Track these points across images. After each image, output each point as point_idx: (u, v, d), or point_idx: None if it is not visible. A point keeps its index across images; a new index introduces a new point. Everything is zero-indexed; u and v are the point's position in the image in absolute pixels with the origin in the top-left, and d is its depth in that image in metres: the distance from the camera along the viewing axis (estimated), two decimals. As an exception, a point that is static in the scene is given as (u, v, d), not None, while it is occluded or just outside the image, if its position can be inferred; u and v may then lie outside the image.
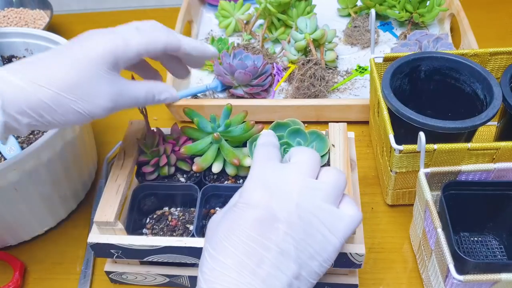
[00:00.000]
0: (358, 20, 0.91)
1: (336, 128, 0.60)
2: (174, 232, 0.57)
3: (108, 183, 0.56)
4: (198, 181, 0.58)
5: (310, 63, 0.78)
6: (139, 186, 0.58)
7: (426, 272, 0.55)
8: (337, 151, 0.57)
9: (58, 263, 0.63)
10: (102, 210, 0.53)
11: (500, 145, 0.55)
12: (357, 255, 0.51)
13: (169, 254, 0.53)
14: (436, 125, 0.55)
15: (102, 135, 0.78)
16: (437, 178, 0.55)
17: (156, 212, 0.60)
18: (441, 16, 0.91)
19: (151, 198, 0.59)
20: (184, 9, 0.91)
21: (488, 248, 0.58)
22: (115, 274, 0.58)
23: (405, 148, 0.55)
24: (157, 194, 0.59)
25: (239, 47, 0.85)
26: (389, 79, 0.61)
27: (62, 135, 0.58)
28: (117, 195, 0.54)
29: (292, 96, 0.79)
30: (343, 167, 0.55)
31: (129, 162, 0.58)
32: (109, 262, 0.58)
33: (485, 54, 0.65)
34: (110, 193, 0.54)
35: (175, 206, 0.61)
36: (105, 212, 0.52)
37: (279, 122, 0.57)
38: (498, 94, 0.58)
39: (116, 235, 0.53)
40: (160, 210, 0.60)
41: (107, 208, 0.53)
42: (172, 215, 0.59)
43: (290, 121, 0.58)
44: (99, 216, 0.52)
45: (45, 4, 0.98)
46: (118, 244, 0.53)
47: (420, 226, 0.56)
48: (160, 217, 0.59)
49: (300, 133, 0.57)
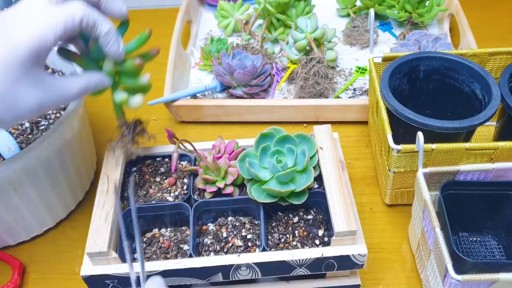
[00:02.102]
0: (357, 20, 0.91)
1: (322, 130, 0.59)
2: (167, 254, 0.55)
3: (95, 210, 0.53)
4: (187, 198, 0.57)
5: (313, 61, 0.78)
6: (125, 211, 0.55)
7: (425, 272, 0.55)
8: (325, 153, 0.57)
9: (57, 263, 0.63)
10: (93, 240, 0.50)
11: (498, 145, 0.55)
12: (360, 256, 0.51)
13: (168, 277, 0.51)
14: (435, 124, 0.55)
15: (101, 134, 0.78)
16: (435, 178, 0.55)
17: (146, 235, 0.57)
18: (440, 16, 0.91)
19: (139, 221, 0.55)
20: (184, 9, 0.91)
21: (487, 248, 0.58)
22: None
23: (403, 147, 0.55)
24: (145, 216, 0.57)
25: (238, 47, 0.85)
26: (387, 79, 0.61)
27: (61, 135, 0.58)
28: (106, 223, 0.52)
29: (297, 95, 0.79)
30: (334, 168, 0.55)
31: (113, 187, 0.55)
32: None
33: (484, 54, 0.65)
34: (99, 222, 0.52)
35: (164, 226, 0.58)
36: (96, 242, 0.50)
37: (263, 133, 0.57)
38: (496, 94, 0.58)
39: (111, 264, 0.51)
40: (149, 233, 0.58)
41: (98, 237, 0.50)
42: (163, 237, 0.57)
43: (273, 130, 0.57)
44: (91, 247, 0.50)
45: (45, 4, 0.98)
46: (113, 274, 0.50)
47: (419, 226, 0.56)
48: (151, 240, 0.57)
49: (288, 140, 0.56)
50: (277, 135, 0.56)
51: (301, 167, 0.55)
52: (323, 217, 0.56)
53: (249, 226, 0.56)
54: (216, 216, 0.57)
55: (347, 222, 0.50)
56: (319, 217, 0.56)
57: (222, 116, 0.78)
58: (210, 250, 0.54)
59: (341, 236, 0.50)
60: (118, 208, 0.52)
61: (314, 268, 0.51)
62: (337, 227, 0.50)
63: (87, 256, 0.50)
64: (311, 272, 0.52)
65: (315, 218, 0.56)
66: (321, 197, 0.55)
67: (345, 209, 0.51)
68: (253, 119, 0.78)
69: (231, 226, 0.56)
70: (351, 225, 0.50)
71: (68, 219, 0.67)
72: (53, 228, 0.66)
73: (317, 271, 0.52)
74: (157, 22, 1.03)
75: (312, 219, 0.56)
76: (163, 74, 0.79)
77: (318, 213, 0.56)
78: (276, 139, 0.56)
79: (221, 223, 0.57)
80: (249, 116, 0.77)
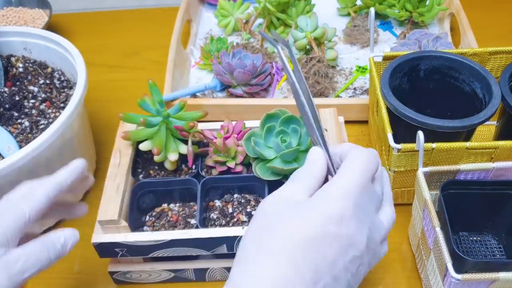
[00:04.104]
0: (358, 19, 0.91)
1: (327, 113, 0.61)
2: (175, 228, 0.58)
3: (107, 182, 0.56)
4: (196, 174, 0.59)
5: (313, 61, 0.78)
6: (137, 184, 0.58)
7: (425, 272, 0.55)
8: (330, 136, 0.58)
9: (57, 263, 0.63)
10: (104, 209, 0.53)
11: (498, 144, 0.55)
12: None
13: (175, 247, 0.53)
14: (435, 124, 0.55)
15: (101, 134, 0.78)
16: (435, 177, 0.55)
17: (155, 210, 0.60)
18: (441, 16, 0.91)
19: (149, 196, 0.59)
20: (184, 8, 0.91)
21: (487, 247, 0.58)
22: (118, 274, 0.58)
23: (403, 147, 0.55)
24: (155, 191, 0.59)
25: (238, 46, 0.85)
26: (388, 78, 0.60)
27: (61, 134, 0.58)
28: (117, 194, 0.54)
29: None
30: None
31: (126, 161, 0.58)
32: (112, 262, 0.58)
33: (485, 53, 0.65)
34: (110, 192, 0.54)
35: (173, 202, 0.61)
36: (108, 211, 0.52)
37: (269, 113, 0.58)
38: (497, 93, 0.57)
39: (120, 233, 0.53)
40: (159, 207, 0.60)
41: (109, 206, 0.53)
42: (172, 211, 0.60)
43: (279, 111, 0.58)
44: (102, 215, 0.52)
45: (44, 3, 0.98)
46: (123, 242, 0.53)
47: (419, 225, 0.56)
48: (160, 214, 0.60)
49: (293, 120, 0.57)
50: (282, 116, 0.57)
51: (304, 147, 0.55)
52: None
53: (254, 203, 0.59)
54: (223, 193, 0.60)
55: None
56: None
57: (222, 115, 0.78)
58: (216, 224, 0.57)
59: None
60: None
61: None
62: None
63: (98, 224, 0.53)
64: None
65: None
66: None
67: None
68: (253, 118, 0.77)
69: (237, 202, 0.59)
70: None
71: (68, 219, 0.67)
72: (52, 228, 0.66)
73: None
74: (157, 22, 1.03)
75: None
76: (163, 73, 0.79)
77: None
78: (281, 119, 0.57)
79: (227, 199, 0.59)
80: (249, 115, 0.77)
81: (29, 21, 0.96)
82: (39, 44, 0.73)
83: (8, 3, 0.99)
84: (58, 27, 1.04)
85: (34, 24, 0.95)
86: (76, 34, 1.02)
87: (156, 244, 0.53)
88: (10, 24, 0.95)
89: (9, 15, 0.97)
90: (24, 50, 0.74)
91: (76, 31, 1.03)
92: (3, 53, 0.75)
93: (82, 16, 1.09)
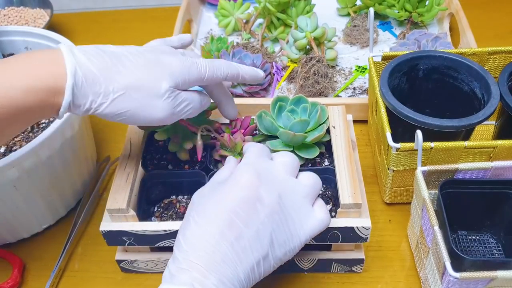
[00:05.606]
0: (358, 19, 0.91)
1: (335, 110, 0.62)
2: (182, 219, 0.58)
3: (117, 171, 0.56)
4: (204, 167, 0.60)
5: (313, 61, 0.78)
6: (147, 175, 0.59)
7: (424, 270, 0.55)
8: (337, 133, 0.59)
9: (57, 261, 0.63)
10: (113, 198, 0.53)
11: (497, 143, 0.55)
12: (364, 229, 0.52)
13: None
14: (434, 123, 0.55)
15: (102, 133, 0.79)
16: (434, 177, 0.55)
17: (164, 201, 0.61)
18: (440, 16, 0.92)
19: (158, 187, 0.60)
20: (184, 8, 0.91)
21: (486, 246, 0.58)
22: (126, 262, 0.59)
23: (402, 146, 0.56)
24: (164, 182, 0.60)
25: (239, 46, 0.85)
26: (387, 77, 0.61)
27: (62, 133, 0.59)
28: (127, 183, 0.55)
29: (297, 94, 0.79)
30: (344, 146, 0.57)
31: (136, 152, 0.58)
32: (120, 251, 0.59)
33: (484, 53, 0.65)
34: (120, 181, 0.55)
35: (182, 194, 0.61)
36: (117, 200, 0.53)
37: (279, 96, 0.61)
38: (496, 93, 0.58)
39: (128, 222, 0.54)
40: (167, 199, 0.61)
41: (119, 195, 0.54)
42: (180, 203, 0.60)
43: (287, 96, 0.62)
44: (111, 203, 0.53)
45: (46, 3, 0.98)
46: (130, 231, 0.53)
47: (418, 224, 0.56)
48: (168, 206, 0.60)
49: (302, 100, 0.60)
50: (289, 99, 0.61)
51: (313, 123, 0.58)
52: (332, 194, 0.58)
53: None
54: None
55: (353, 195, 0.52)
56: (328, 193, 0.58)
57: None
58: None
59: (346, 208, 0.52)
60: None
61: (319, 237, 0.52)
62: (343, 199, 0.52)
63: (107, 212, 0.54)
64: (316, 242, 0.53)
65: (324, 194, 0.58)
66: (330, 173, 0.57)
67: (352, 183, 0.53)
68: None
69: None
70: (356, 198, 0.52)
71: (68, 217, 0.67)
72: (53, 226, 0.66)
73: (322, 242, 0.54)
74: (157, 21, 1.03)
75: (321, 194, 0.58)
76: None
77: (327, 189, 0.59)
78: (291, 99, 0.61)
79: None
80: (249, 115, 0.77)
81: (30, 21, 0.96)
82: (40, 44, 0.73)
83: (9, 2, 0.99)
84: (59, 26, 1.04)
85: (35, 23, 0.96)
86: (77, 34, 1.02)
87: (162, 233, 0.53)
88: (12, 23, 0.96)
89: (10, 14, 0.97)
90: (25, 50, 0.75)
91: (77, 30, 1.03)
92: (5, 52, 0.75)
93: (83, 16, 1.09)
